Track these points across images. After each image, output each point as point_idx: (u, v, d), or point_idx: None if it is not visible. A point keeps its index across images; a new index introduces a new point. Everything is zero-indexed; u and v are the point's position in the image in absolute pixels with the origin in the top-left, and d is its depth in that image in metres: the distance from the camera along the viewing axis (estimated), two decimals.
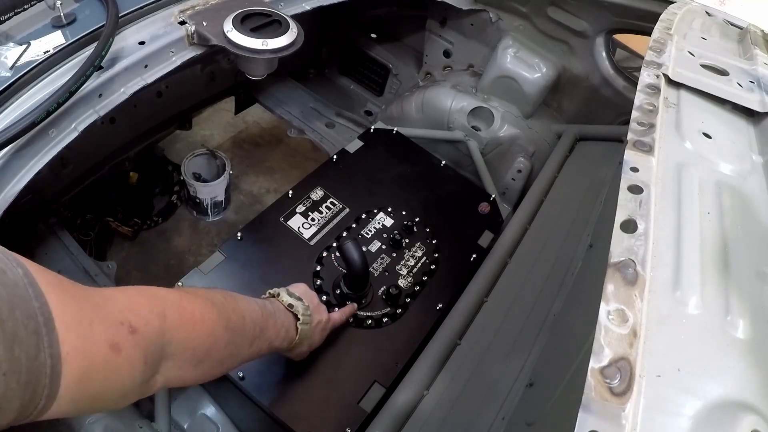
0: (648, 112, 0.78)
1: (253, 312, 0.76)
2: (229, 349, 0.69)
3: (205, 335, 0.64)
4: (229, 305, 0.71)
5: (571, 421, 0.42)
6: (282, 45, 1.08)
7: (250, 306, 0.77)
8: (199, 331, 0.63)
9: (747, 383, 0.48)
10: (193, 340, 0.62)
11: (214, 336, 0.65)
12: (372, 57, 2.23)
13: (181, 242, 2.12)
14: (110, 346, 0.48)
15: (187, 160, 2.08)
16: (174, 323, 0.58)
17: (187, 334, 0.61)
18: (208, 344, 0.64)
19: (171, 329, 0.57)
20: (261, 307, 0.79)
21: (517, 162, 1.74)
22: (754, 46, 1.05)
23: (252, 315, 0.75)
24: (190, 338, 0.61)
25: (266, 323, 0.79)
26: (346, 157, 1.48)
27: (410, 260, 1.29)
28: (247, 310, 0.75)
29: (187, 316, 0.61)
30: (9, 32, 0.95)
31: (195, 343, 0.62)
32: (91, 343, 0.46)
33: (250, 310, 0.76)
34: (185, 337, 0.60)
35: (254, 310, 0.77)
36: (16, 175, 0.84)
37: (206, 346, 0.64)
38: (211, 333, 0.64)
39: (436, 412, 1.03)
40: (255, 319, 0.76)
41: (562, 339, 1.04)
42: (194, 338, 0.62)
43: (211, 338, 0.64)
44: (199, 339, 0.63)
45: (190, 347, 0.61)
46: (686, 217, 0.63)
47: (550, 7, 1.59)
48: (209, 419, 1.10)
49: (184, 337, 0.60)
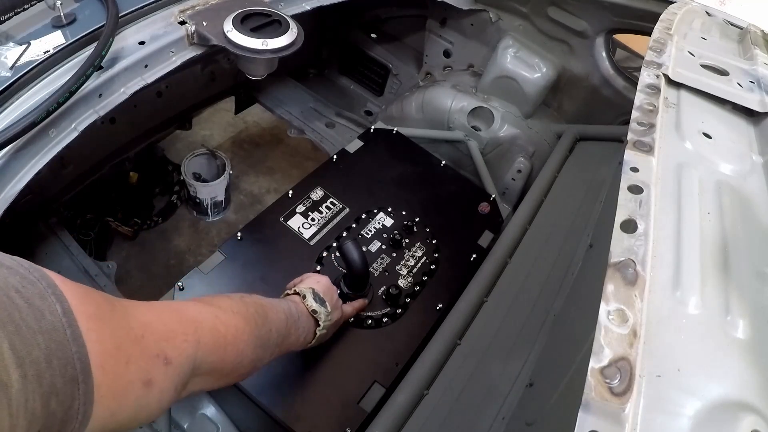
0: (648, 112, 0.78)
1: (280, 323, 0.76)
2: (254, 363, 0.70)
3: (235, 355, 0.64)
4: (260, 320, 0.71)
5: (571, 421, 0.42)
6: (282, 45, 1.08)
7: (278, 316, 0.76)
8: (230, 353, 0.63)
9: (747, 383, 0.48)
10: (224, 362, 0.62)
11: (242, 355, 0.65)
12: (372, 57, 2.23)
13: (181, 242, 2.12)
14: (144, 383, 0.47)
15: (187, 160, 2.08)
16: (207, 348, 0.58)
17: (219, 357, 0.61)
18: (236, 363, 0.65)
19: (203, 354, 0.57)
20: (287, 314, 0.79)
21: (517, 162, 1.74)
22: (754, 46, 1.05)
23: (278, 326, 0.75)
24: (221, 360, 0.61)
25: (289, 331, 0.79)
26: (346, 157, 1.48)
27: (410, 260, 1.29)
28: (274, 321, 0.75)
29: (220, 341, 0.61)
30: (9, 32, 0.95)
31: (225, 364, 0.62)
32: (126, 383, 0.45)
33: (277, 321, 0.75)
34: (216, 360, 0.60)
35: (281, 320, 0.77)
36: (16, 175, 0.84)
37: (234, 364, 0.64)
38: (240, 353, 0.65)
39: (436, 412, 1.03)
40: (280, 329, 0.76)
41: (562, 339, 1.04)
42: (225, 360, 0.62)
43: (239, 357, 0.65)
44: (230, 359, 0.63)
45: (219, 368, 0.62)
46: (686, 217, 0.63)
47: (550, 7, 1.59)
48: (209, 419, 1.10)
49: (216, 359, 0.60)
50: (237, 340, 0.64)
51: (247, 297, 0.74)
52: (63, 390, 0.38)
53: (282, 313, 0.78)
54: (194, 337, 0.56)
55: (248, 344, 0.66)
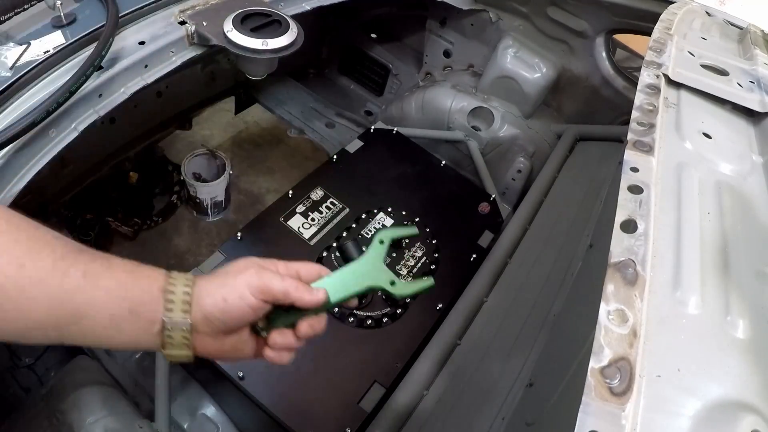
0: (648, 112, 0.78)
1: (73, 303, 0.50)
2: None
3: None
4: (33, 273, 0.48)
5: (571, 421, 0.42)
6: (282, 45, 1.08)
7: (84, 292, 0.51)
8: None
9: (747, 383, 0.48)
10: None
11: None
12: (372, 57, 2.23)
13: (181, 242, 2.12)
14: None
15: (187, 160, 2.08)
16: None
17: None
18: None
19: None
20: (109, 294, 0.51)
21: (517, 162, 1.74)
22: (754, 46, 1.05)
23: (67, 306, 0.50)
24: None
25: (94, 320, 0.51)
26: (346, 157, 1.48)
27: (410, 260, 1.29)
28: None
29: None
30: (9, 32, 0.95)
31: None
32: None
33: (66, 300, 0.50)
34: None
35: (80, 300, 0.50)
36: (16, 175, 0.84)
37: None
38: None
39: (436, 412, 1.03)
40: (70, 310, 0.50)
41: (562, 339, 1.04)
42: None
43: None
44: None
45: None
46: (686, 217, 0.63)
47: (550, 7, 1.59)
48: (209, 419, 1.10)
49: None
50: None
51: (47, 234, 0.52)
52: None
53: (102, 291, 0.51)
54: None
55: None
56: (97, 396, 0.94)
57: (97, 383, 0.98)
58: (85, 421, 0.91)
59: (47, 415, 0.92)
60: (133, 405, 0.99)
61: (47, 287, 0.49)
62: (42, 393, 0.99)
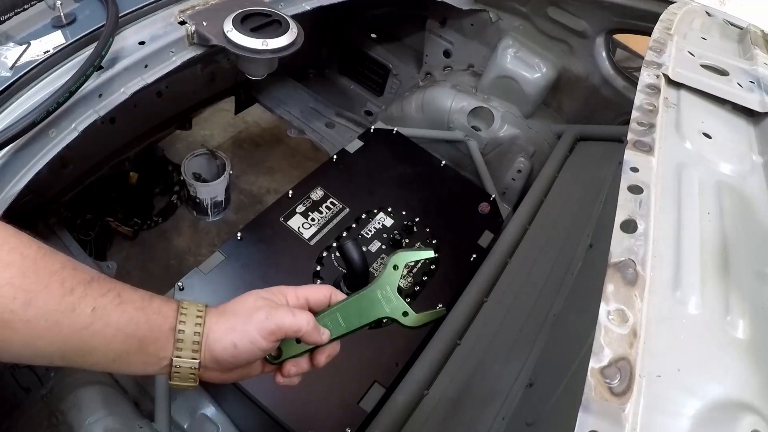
0: (648, 112, 0.78)
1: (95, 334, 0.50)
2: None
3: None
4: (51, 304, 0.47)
5: (571, 421, 0.42)
6: (282, 45, 1.08)
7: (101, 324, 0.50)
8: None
9: (747, 383, 0.48)
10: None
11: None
12: (372, 57, 2.23)
13: (181, 242, 2.12)
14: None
15: (187, 160, 2.08)
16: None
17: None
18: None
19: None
20: (120, 330, 0.51)
21: (517, 162, 1.74)
22: (754, 46, 1.05)
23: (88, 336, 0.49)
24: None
25: (103, 348, 0.51)
26: (346, 157, 1.48)
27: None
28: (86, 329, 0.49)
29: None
30: (9, 32, 0.95)
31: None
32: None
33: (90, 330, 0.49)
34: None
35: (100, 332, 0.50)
36: (16, 175, 0.84)
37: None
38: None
39: (436, 412, 1.03)
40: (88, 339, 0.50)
41: (562, 339, 1.04)
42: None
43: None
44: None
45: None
46: (686, 217, 0.63)
47: (550, 7, 1.59)
48: (209, 419, 1.10)
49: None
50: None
51: (64, 261, 0.50)
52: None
53: (112, 327, 0.50)
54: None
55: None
56: (97, 396, 0.94)
57: (97, 383, 0.98)
58: (85, 421, 0.91)
59: (47, 415, 0.92)
60: (133, 405, 0.99)
61: (55, 324, 0.48)
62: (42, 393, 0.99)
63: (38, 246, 0.49)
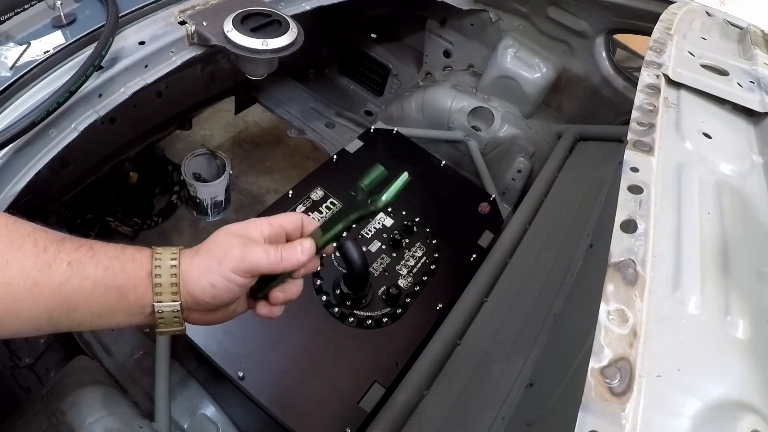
0: (648, 112, 0.78)
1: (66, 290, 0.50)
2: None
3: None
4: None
5: (571, 421, 0.42)
6: (282, 45, 1.08)
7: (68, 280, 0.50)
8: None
9: (747, 383, 0.48)
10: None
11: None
12: (372, 57, 2.23)
13: (181, 242, 2.10)
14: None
15: (187, 160, 2.08)
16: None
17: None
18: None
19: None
20: (95, 280, 0.51)
21: (517, 162, 1.74)
22: (754, 46, 1.05)
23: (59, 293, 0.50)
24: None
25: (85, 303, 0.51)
26: (346, 157, 1.48)
27: (410, 260, 1.29)
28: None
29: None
30: (9, 32, 0.95)
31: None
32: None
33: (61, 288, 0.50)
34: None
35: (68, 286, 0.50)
36: (16, 175, 0.84)
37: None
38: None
39: (436, 412, 1.03)
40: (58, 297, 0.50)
41: (562, 339, 1.04)
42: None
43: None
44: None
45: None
46: (686, 217, 0.63)
47: (550, 7, 1.59)
48: (209, 419, 1.10)
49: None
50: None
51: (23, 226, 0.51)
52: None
53: (87, 279, 0.51)
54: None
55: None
56: (97, 396, 0.94)
57: (97, 383, 0.98)
58: (85, 421, 0.91)
59: (47, 415, 0.92)
60: (133, 405, 0.99)
61: (34, 284, 0.48)
62: (42, 393, 0.99)
63: (7, 215, 0.50)
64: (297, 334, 1.09)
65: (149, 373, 1.10)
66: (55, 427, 0.91)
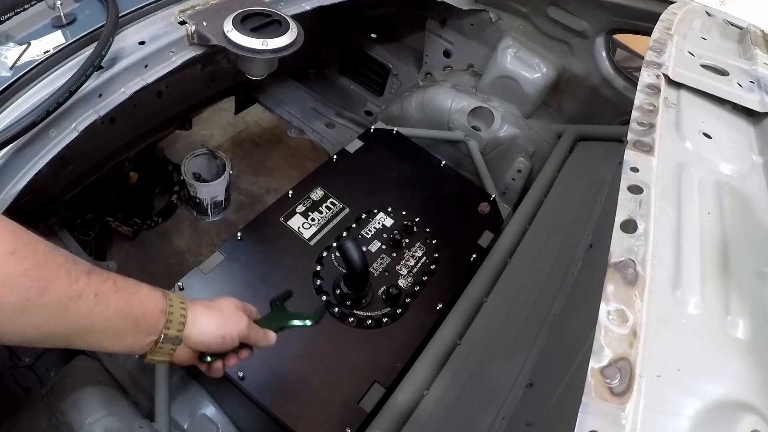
0: (648, 112, 0.78)
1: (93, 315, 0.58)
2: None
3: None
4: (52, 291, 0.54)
5: (571, 421, 0.42)
6: (282, 45, 1.08)
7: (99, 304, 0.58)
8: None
9: (747, 383, 0.48)
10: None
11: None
12: (372, 57, 2.23)
13: (181, 242, 2.12)
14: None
15: (187, 160, 2.08)
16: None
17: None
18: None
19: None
20: (116, 311, 0.60)
21: (517, 162, 1.74)
22: (754, 46, 1.05)
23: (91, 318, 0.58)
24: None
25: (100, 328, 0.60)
26: (346, 157, 1.48)
27: (410, 260, 1.29)
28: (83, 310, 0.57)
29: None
30: (9, 32, 0.95)
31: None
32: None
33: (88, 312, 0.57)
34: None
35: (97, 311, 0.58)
36: (16, 175, 0.84)
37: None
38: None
39: (436, 412, 1.03)
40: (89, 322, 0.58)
41: (562, 339, 1.04)
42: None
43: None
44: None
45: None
46: (686, 217, 0.63)
47: (550, 7, 1.59)
48: (209, 419, 1.10)
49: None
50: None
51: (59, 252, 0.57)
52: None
53: (110, 308, 0.59)
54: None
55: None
56: (97, 396, 0.94)
57: (97, 383, 0.98)
58: (85, 421, 0.91)
59: (47, 415, 0.92)
60: (133, 405, 0.99)
61: (65, 309, 0.55)
62: (42, 393, 0.99)
63: (45, 242, 0.57)
64: (297, 334, 1.09)
65: (149, 374, 1.10)
66: (55, 427, 0.91)
